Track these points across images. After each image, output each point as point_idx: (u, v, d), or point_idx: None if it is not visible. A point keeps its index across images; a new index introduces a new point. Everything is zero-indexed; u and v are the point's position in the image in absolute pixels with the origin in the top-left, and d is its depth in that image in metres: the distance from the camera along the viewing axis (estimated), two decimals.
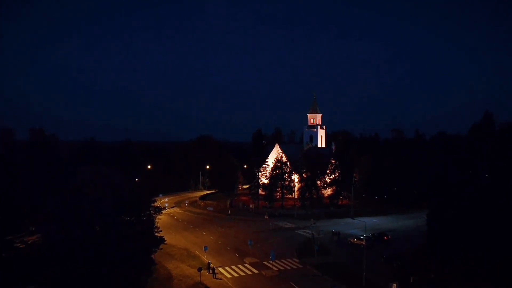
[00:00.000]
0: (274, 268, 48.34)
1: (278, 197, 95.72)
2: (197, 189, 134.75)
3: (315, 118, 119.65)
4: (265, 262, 50.54)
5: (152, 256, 43.73)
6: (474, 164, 49.03)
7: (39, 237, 35.71)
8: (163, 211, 58.53)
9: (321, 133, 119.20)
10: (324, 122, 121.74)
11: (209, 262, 48.38)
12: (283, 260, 51.40)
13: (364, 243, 55.83)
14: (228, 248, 58.18)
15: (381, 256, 51.78)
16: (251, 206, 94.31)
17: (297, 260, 51.96)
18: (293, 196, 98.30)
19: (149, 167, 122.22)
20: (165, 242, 44.37)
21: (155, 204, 50.63)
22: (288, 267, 49.15)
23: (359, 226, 65.59)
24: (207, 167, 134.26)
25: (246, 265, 50.05)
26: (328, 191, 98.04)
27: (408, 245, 58.23)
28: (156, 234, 41.53)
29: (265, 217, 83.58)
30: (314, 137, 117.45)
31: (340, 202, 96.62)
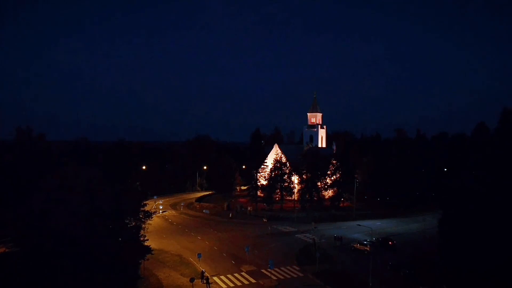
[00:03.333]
0: (273, 277, 44.96)
1: (277, 199, 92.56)
2: (194, 190, 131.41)
3: (315, 118, 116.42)
4: (263, 270, 47.29)
5: (141, 266, 40.45)
6: (488, 165, 45.68)
7: (11, 247, 32.42)
8: (158, 214, 55.63)
9: (322, 133, 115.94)
10: (324, 122, 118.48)
11: (203, 271, 44.99)
12: (282, 268, 48.16)
13: (368, 248, 52.84)
14: (224, 255, 54.88)
15: (387, 263, 48.66)
16: (249, 208, 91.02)
17: (297, 268, 48.74)
18: (292, 198, 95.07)
19: (144, 167, 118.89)
20: (153, 252, 41.14)
21: (147, 207, 47.67)
22: (288, 276, 45.91)
23: (362, 230, 62.50)
24: (204, 168, 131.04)
25: (243, 273, 46.74)
26: (329, 193, 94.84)
27: (415, 251, 55.13)
28: (144, 243, 38.12)
29: (264, 220, 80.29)
30: (314, 137, 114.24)
31: (341, 204, 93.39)
